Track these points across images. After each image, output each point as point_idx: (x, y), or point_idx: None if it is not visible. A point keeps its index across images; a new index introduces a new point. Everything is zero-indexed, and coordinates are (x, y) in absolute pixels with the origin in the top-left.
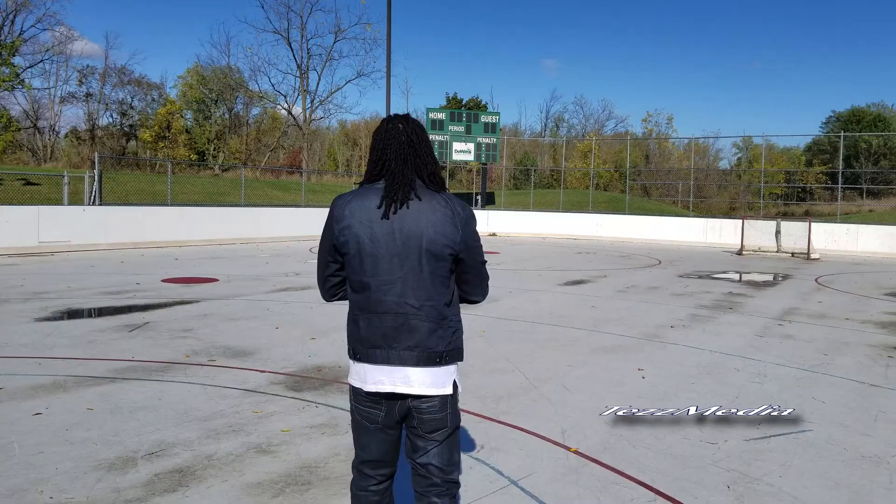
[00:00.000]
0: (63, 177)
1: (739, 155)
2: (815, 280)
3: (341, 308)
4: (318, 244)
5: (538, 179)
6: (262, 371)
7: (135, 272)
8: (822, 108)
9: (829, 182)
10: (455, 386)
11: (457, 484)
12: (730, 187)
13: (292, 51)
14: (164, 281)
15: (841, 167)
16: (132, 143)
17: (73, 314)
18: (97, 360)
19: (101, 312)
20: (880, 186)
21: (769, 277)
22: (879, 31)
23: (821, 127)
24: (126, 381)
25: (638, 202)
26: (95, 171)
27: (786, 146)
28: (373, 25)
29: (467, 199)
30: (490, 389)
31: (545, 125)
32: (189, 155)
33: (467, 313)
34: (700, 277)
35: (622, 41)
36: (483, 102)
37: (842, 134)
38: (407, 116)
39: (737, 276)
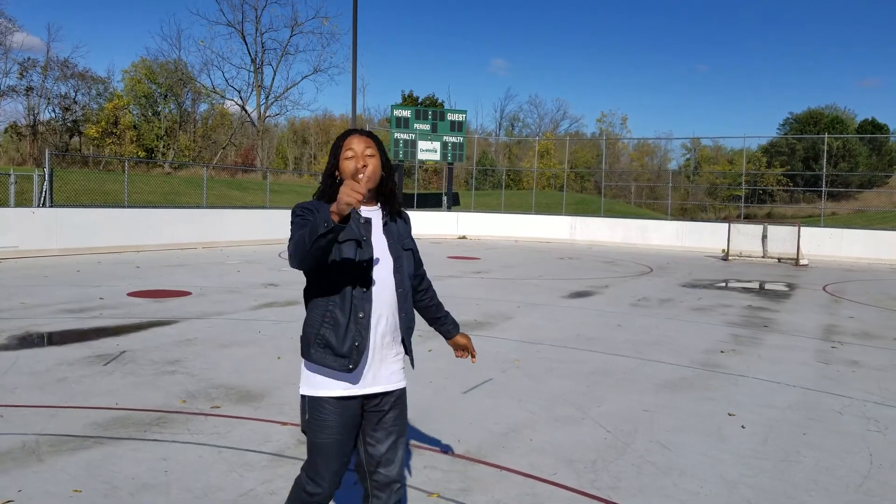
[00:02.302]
0: (9, 175)
1: (688, 156)
2: (824, 289)
3: None
4: (286, 248)
5: (496, 180)
6: (282, 423)
7: (95, 283)
8: (774, 111)
9: (791, 184)
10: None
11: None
12: (688, 188)
13: (246, 45)
14: (130, 295)
15: (825, 169)
16: (75, 139)
17: (34, 341)
18: (72, 408)
19: (67, 338)
20: (843, 189)
21: (776, 287)
22: (830, 36)
23: (778, 129)
24: (116, 443)
25: (608, 204)
26: (45, 170)
27: (733, 147)
28: (330, 20)
29: (435, 200)
30: (574, 450)
31: (500, 124)
32: (137, 152)
33: (493, 337)
34: (705, 287)
35: (576, 40)
36: (440, 101)
37: (826, 136)
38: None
39: (741, 286)
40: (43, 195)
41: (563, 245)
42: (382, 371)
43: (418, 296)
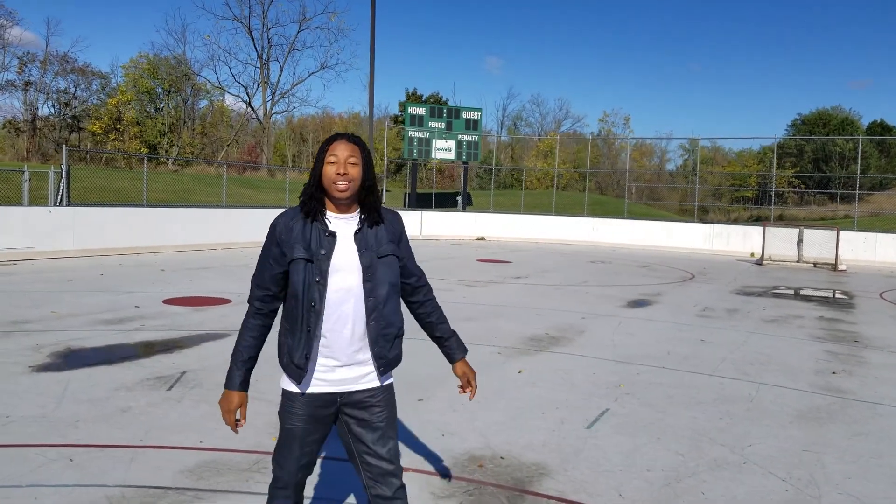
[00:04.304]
0: (23, 172)
1: (686, 157)
2: (881, 297)
3: (422, 346)
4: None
5: (501, 180)
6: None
7: (123, 288)
8: (776, 112)
9: (803, 186)
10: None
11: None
12: (699, 189)
13: (253, 40)
14: (165, 302)
15: (859, 171)
16: (74, 135)
17: (79, 359)
18: (151, 448)
19: (115, 355)
20: (857, 191)
21: (831, 294)
22: (836, 37)
23: (786, 129)
24: (219, 498)
25: (629, 206)
26: (63, 167)
27: (731, 148)
28: (338, 15)
29: (450, 200)
30: None
31: (502, 123)
32: (140, 149)
33: (578, 355)
34: (759, 295)
35: (578, 39)
36: (444, 98)
37: (860, 138)
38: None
39: (798, 293)
40: (60, 193)
41: (587, 247)
42: (353, 373)
43: (413, 307)
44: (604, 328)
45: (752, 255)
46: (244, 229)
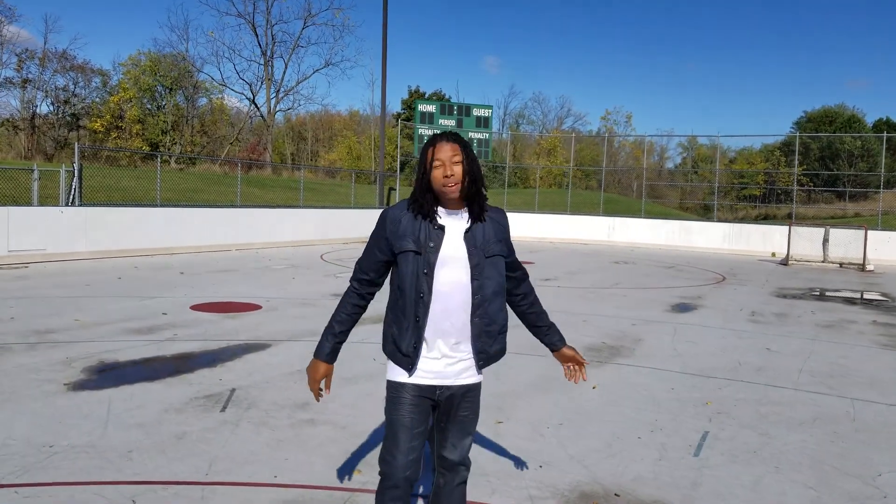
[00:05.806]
0: (32, 171)
1: (685, 155)
2: None
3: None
4: (332, 251)
5: (503, 178)
6: None
7: (147, 294)
8: (777, 111)
9: (811, 184)
10: None
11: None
12: (691, 187)
13: (257, 37)
14: (194, 308)
15: (883, 169)
16: (73, 133)
17: (116, 374)
18: (220, 484)
19: (154, 370)
20: (863, 189)
21: (872, 295)
22: (839, 37)
23: (792, 127)
24: None
25: (638, 204)
26: (75, 166)
27: (731, 146)
28: (343, 11)
29: None
30: None
31: (503, 121)
32: (142, 147)
33: (645, 367)
34: (799, 298)
35: (580, 37)
36: (447, 96)
37: (884, 135)
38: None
39: (837, 296)
40: (72, 193)
41: (604, 247)
42: (451, 368)
43: (517, 299)
44: (660, 336)
45: (774, 254)
46: (260, 230)
